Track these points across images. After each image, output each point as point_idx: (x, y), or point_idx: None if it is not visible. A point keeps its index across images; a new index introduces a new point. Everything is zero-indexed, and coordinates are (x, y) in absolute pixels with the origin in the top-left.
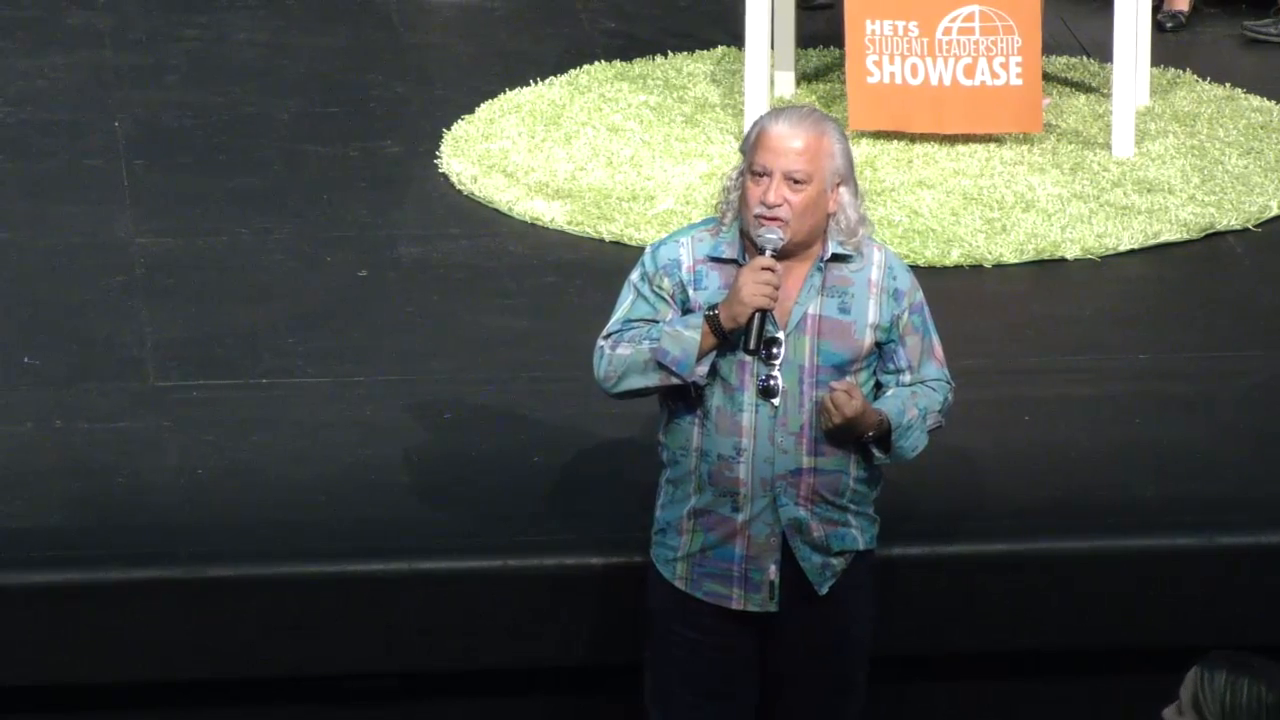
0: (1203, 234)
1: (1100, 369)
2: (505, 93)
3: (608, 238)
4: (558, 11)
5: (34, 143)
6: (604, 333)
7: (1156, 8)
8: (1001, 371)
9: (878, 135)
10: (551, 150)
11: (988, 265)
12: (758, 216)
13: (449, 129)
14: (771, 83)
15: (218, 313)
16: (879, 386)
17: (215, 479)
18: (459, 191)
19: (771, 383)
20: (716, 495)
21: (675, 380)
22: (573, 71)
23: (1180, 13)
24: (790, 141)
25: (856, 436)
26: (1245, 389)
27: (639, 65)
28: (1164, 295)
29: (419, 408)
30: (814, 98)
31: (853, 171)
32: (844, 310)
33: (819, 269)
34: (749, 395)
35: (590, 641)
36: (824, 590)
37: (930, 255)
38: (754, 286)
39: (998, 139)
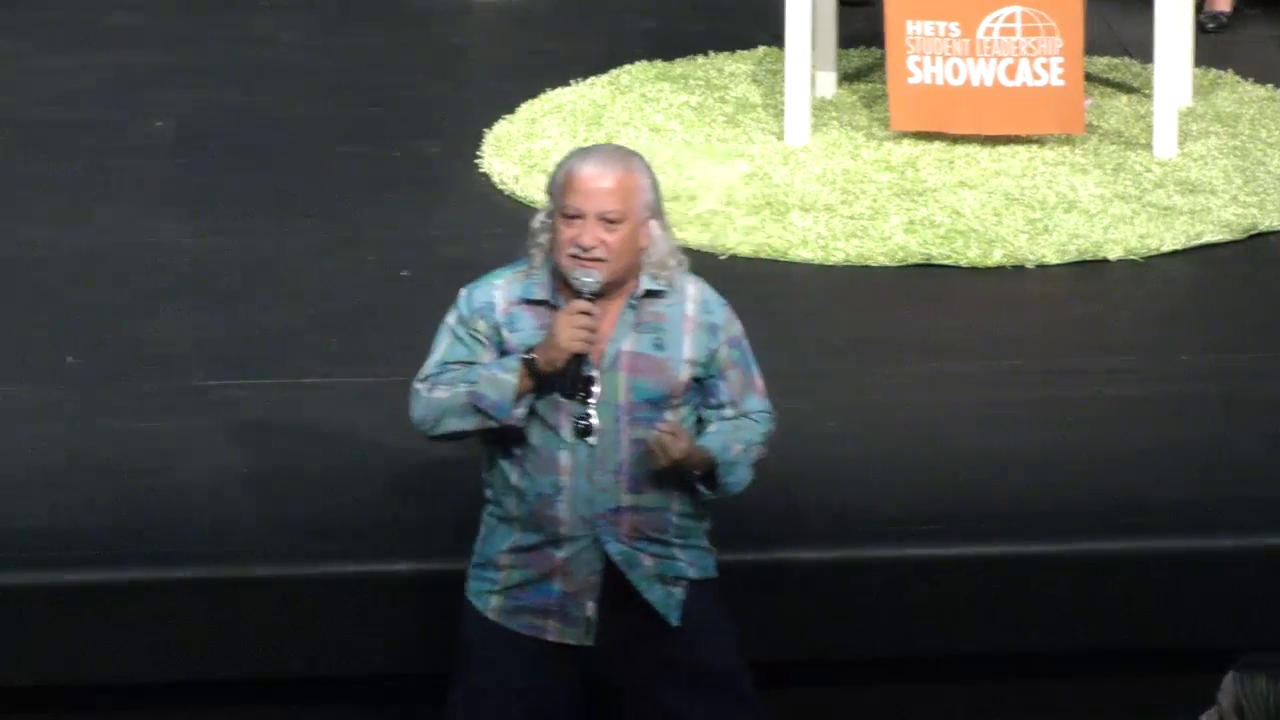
0: (1245, 235)
1: (1142, 370)
2: (546, 92)
3: None
4: (599, 11)
5: (74, 142)
6: (420, 375)
7: (1198, 8)
8: (1043, 372)
9: (919, 136)
10: None
11: (1030, 266)
12: (572, 258)
13: (490, 129)
14: (812, 83)
15: (258, 313)
16: (700, 421)
17: (256, 478)
18: (500, 191)
19: (586, 422)
20: (537, 533)
21: (493, 424)
22: (614, 71)
23: (1222, 13)
24: (601, 182)
25: (682, 475)
26: None
27: (680, 65)
28: (1206, 296)
29: None
30: (855, 98)
31: (661, 204)
32: (659, 346)
33: (631, 306)
34: (566, 434)
35: None
36: (675, 619)
37: (972, 256)
38: (570, 331)
39: (1040, 140)
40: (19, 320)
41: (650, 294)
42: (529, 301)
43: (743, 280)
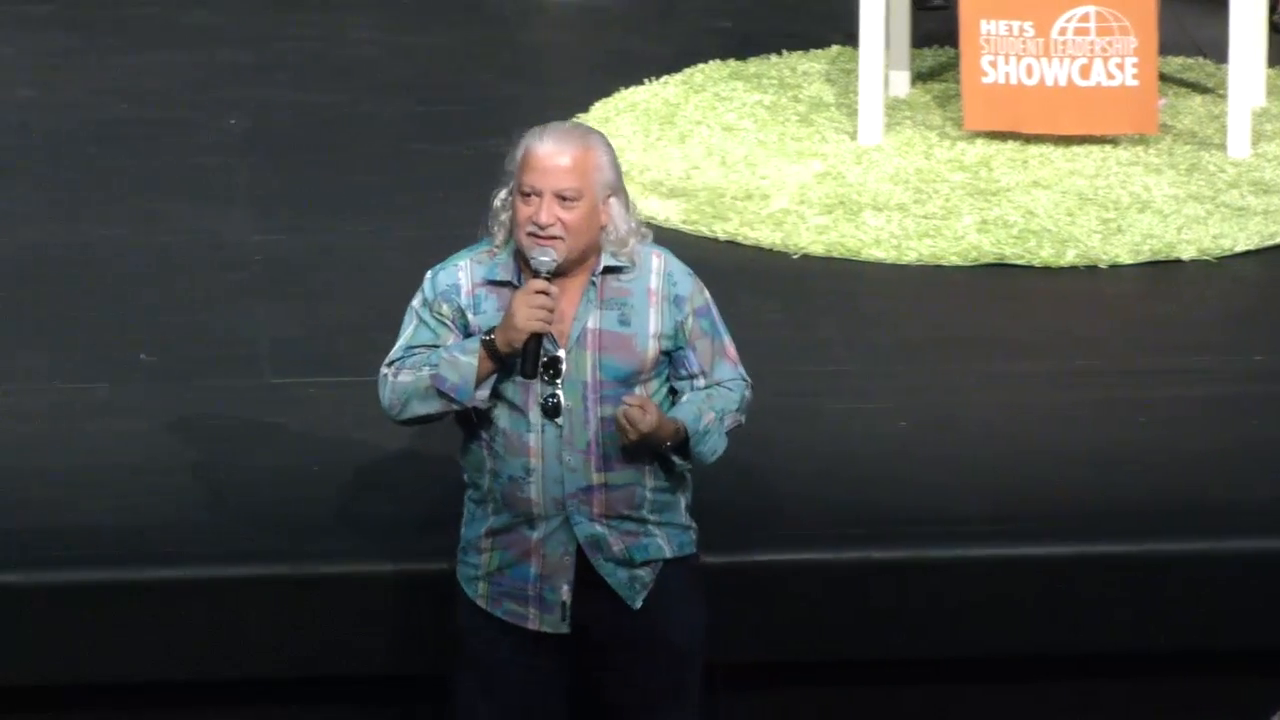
0: None
1: (1216, 370)
2: (619, 91)
3: (722, 237)
4: (672, 10)
5: (149, 140)
6: (387, 360)
7: (1272, 9)
8: (1117, 373)
9: (993, 135)
10: (666, 149)
11: (1103, 266)
12: (530, 235)
13: None
14: (886, 82)
15: (332, 310)
16: (674, 393)
17: (330, 476)
18: None
19: (554, 401)
20: (512, 515)
21: (456, 407)
22: (687, 70)
23: None
24: (557, 159)
25: (654, 448)
26: None
27: (754, 64)
28: (1279, 296)
29: None
30: (929, 97)
31: (622, 181)
32: (624, 322)
33: (594, 282)
34: (534, 415)
35: None
36: (638, 604)
37: (1045, 256)
38: (528, 310)
39: (1113, 139)
40: (94, 317)
41: (612, 270)
42: (493, 283)
43: (815, 280)
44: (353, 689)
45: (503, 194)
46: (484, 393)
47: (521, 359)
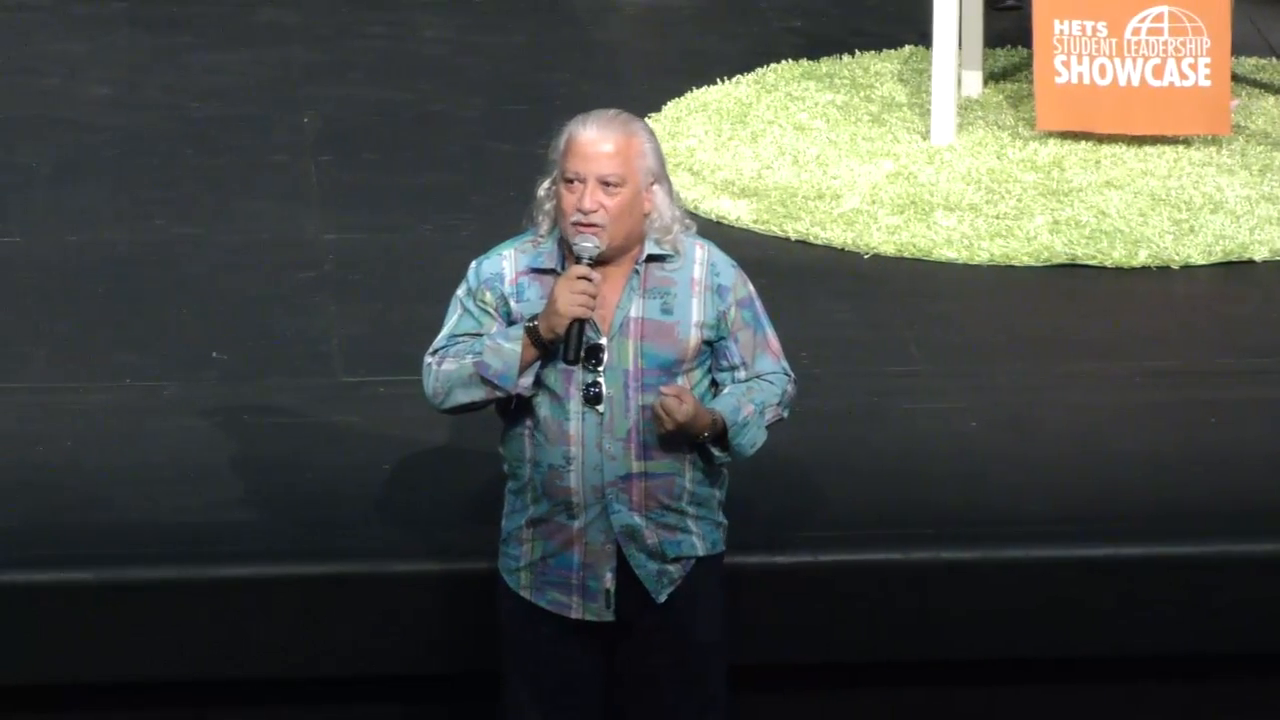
0: None
1: None
2: (692, 91)
3: (793, 236)
4: (744, 10)
5: (222, 138)
6: (430, 348)
7: None
8: (1188, 373)
9: (1065, 135)
10: (738, 148)
11: (1175, 267)
12: (574, 224)
13: None
14: (959, 82)
15: (404, 309)
16: (715, 385)
17: (400, 474)
18: None
19: (595, 390)
20: (552, 504)
21: (499, 394)
22: (759, 70)
23: None
24: (601, 146)
25: (692, 439)
26: None
27: (826, 64)
28: None
29: None
30: (1001, 97)
31: (665, 170)
32: (666, 311)
33: (637, 271)
34: (575, 403)
35: None
36: (662, 598)
37: (1118, 256)
38: (570, 296)
39: (1186, 140)
40: (166, 315)
41: (655, 259)
42: (536, 270)
43: (886, 280)
44: (419, 686)
45: (546, 183)
46: (527, 380)
47: (564, 345)
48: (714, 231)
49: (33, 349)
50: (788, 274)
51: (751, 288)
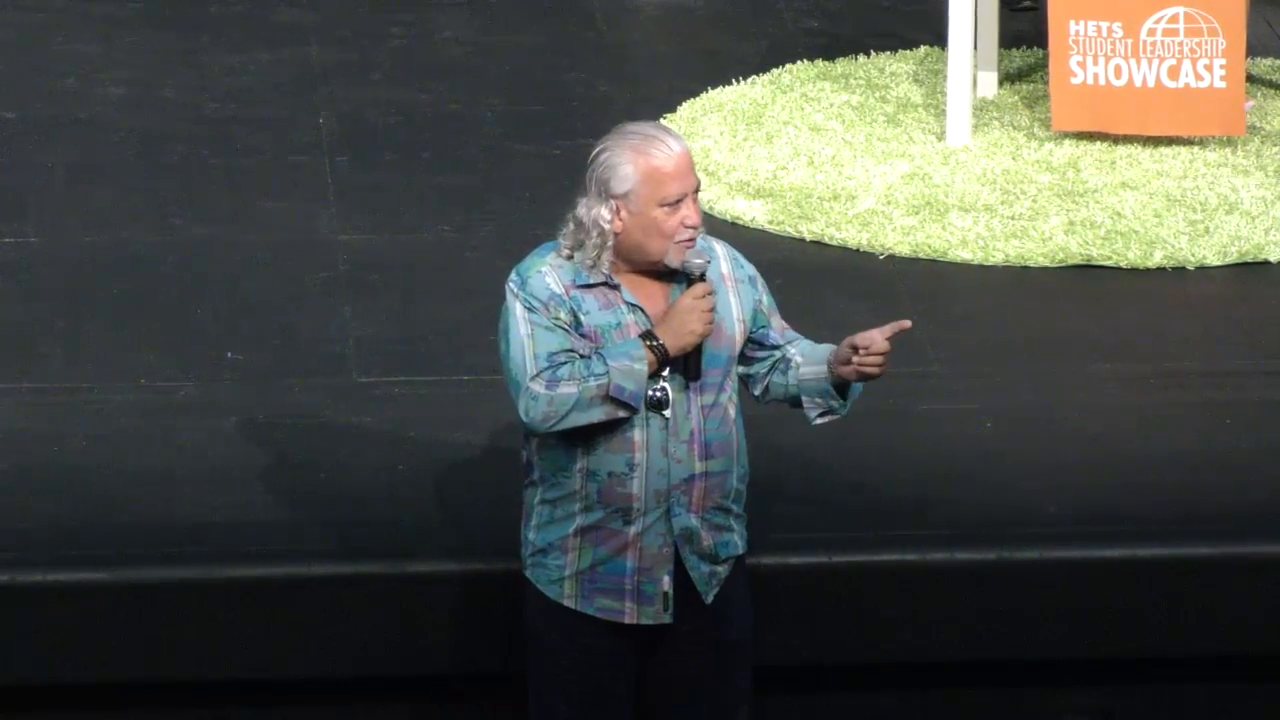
0: None
1: None
2: (707, 91)
3: (808, 237)
4: (760, 11)
5: (239, 139)
6: (530, 374)
7: None
8: (1204, 374)
9: (1080, 136)
10: (753, 149)
11: (1190, 267)
12: (680, 242)
13: None
14: (974, 83)
15: (420, 310)
16: (744, 382)
17: (416, 475)
18: None
19: (659, 395)
20: (607, 511)
21: (622, 414)
22: (775, 71)
23: None
24: (685, 159)
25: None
26: None
27: (841, 65)
28: None
29: None
30: (1017, 98)
31: None
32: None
33: (682, 276)
34: (639, 410)
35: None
36: (710, 599)
37: (1133, 257)
38: (701, 315)
39: (1201, 141)
40: (182, 315)
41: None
42: (583, 286)
43: (901, 281)
44: (436, 686)
45: (604, 214)
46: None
47: (685, 362)
48: (729, 232)
49: (50, 349)
50: (803, 275)
51: None
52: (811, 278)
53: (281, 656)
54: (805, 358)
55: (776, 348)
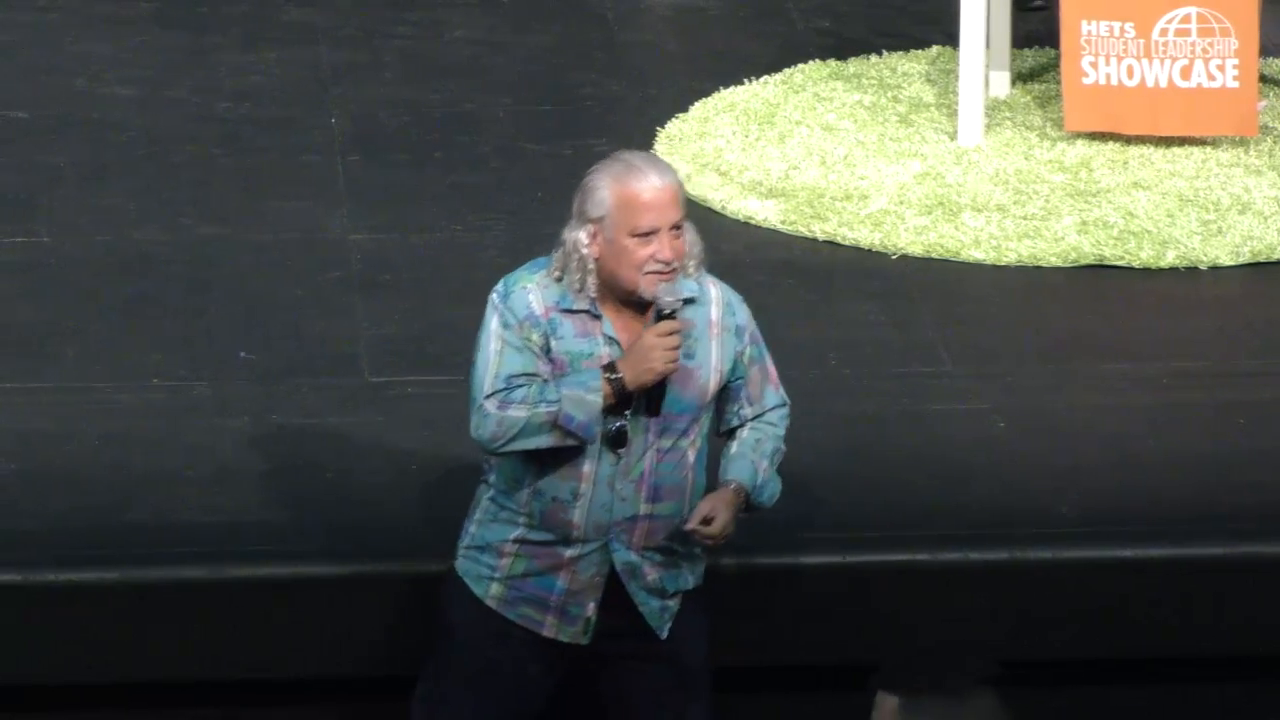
0: None
1: None
2: (719, 91)
3: (821, 237)
4: (772, 11)
5: (250, 138)
6: (485, 391)
7: None
8: (1217, 375)
9: (1093, 136)
10: (765, 149)
11: (1203, 268)
12: (654, 274)
13: (663, 127)
14: (986, 83)
15: (432, 309)
16: (720, 417)
17: (428, 475)
18: None
19: (618, 430)
20: (547, 533)
21: (572, 442)
22: (787, 70)
23: None
24: (665, 194)
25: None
26: None
27: (853, 64)
28: None
29: None
30: (1029, 98)
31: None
32: (688, 355)
33: (661, 314)
34: (593, 443)
35: None
36: (664, 634)
37: (1145, 257)
38: (665, 354)
39: (1213, 141)
40: (194, 315)
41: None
42: (566, 310)
43: (914, 281)
44: None
45: (582, 237)
46: (599, 428)
47: (646, 399)
48: (741, 232)
49: (61, 348)
50: (815, 275)
51: (751, 316)
52: (824, 278)
53: (292, 656)
54: (730, 456)
55: (740, 408)
